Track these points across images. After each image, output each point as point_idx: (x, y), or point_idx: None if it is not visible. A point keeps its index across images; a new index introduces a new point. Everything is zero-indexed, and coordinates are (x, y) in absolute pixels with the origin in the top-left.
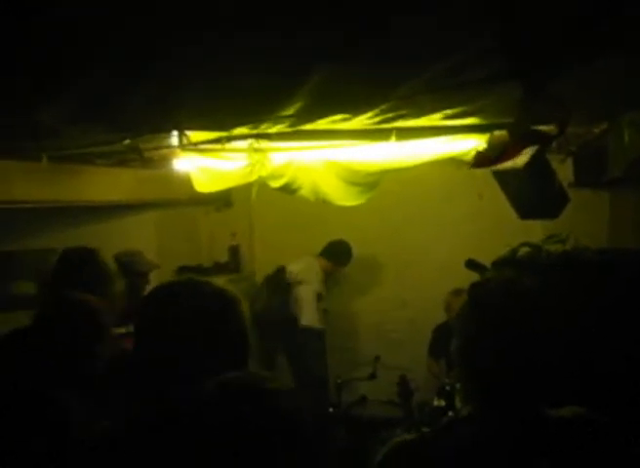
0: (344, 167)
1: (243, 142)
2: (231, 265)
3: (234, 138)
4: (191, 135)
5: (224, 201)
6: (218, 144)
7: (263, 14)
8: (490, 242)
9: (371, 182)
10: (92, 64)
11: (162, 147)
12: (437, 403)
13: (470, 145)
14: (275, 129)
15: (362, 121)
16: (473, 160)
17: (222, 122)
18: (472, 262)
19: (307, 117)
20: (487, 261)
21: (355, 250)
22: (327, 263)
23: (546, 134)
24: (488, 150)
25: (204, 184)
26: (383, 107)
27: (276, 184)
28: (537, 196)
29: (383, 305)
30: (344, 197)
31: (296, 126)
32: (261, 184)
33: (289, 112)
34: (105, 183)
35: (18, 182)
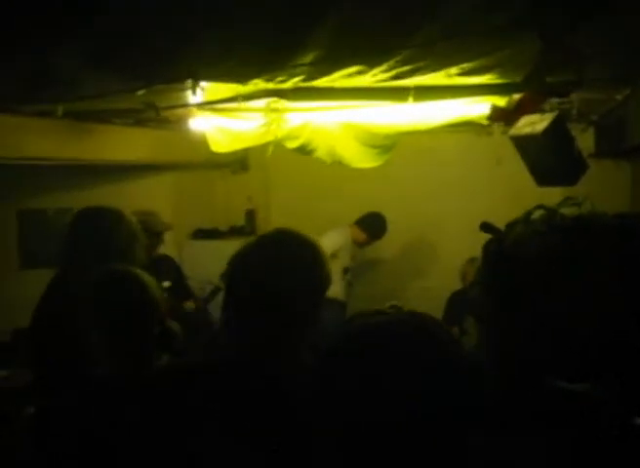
0: (361, 128)
1: (260, 103)
2: (247, 229)
3: (251, 97)
4: (207, 91)
5: (241, 164)
6: (234, 104)
7: None
8: (507, 211)
9: (387, 145)
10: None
11: (179, 106)
12: None
13: (489, 108)
14: (291, 83)
15: (378, 75)
16: (490, 113)
17: (237, 72)
18: (487, 225)
19: (322, 68)
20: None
21: None
22: (361, 234)
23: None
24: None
25: (220, 144)
26: (398, 58)
27: (292, 145)
28: (555, 162)
29: (399, 274)
30: (360, 159)
31: (311, 79)
32: (278, 147)
33: (304, 60)
34: (123, 143)
35: (34, 139)
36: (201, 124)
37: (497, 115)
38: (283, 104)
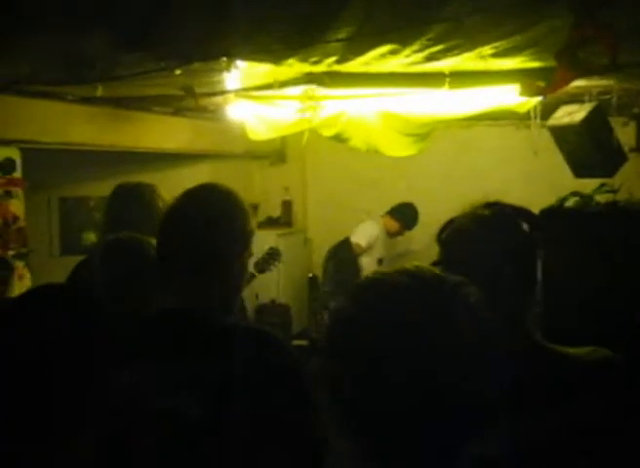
0: (397, 117)
1: (296, 90)
2: (283, 220)
3: (287, 84)
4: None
5: (278, 156)
6: (270, 92)
7: None
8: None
9: (422, 133)
10: None
11: (217, 93)
12: None
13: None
14: (325, 65)
15: (411, 56)
16: (521, 88)
17: (271, 49)
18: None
19: (355, 47)
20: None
21: None
22: (394, 224)
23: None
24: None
25: (257, 132)
26: (430, 36)
27: (328, 133)
28: (593, 152)
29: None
30: (396, 147)
31: (345, 60)
32: (314, 138)
33: (337, 36)
34: (162, 132)
35: (78, 125)
36: (239, 112)
37: (528, 89)
38: (319, 92)
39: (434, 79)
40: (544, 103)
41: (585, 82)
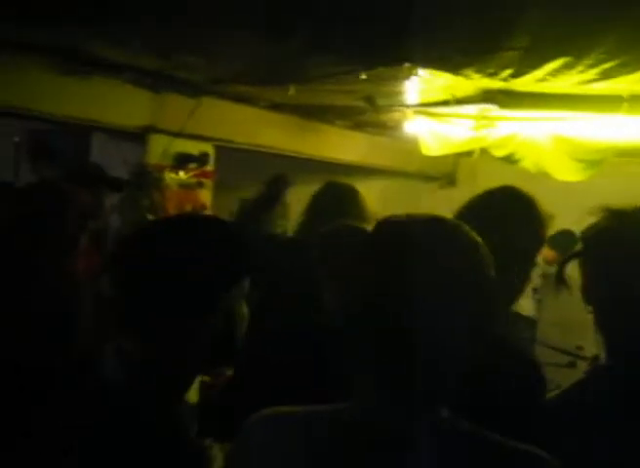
0: (570, 141)
1: (470, 109)
2: None
3: (463, 102)
4: (422, 94)
5: (449, 178)
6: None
7: None
8: None
9: (595, 160)
10: None
11: (395, 105)
12: None
13: None
14: (500, 79)
15: (585, 73)
16: None
17: (450, 57)
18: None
19: (530, 59)
20: None
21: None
22: (550, 252)
23: None
24: None
25: (431, 148)
26: (604, 49)
27: (500, 153)
28: None
29: None
30: (566, 172)
31: (520, 74)
32: (484, 162)
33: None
34: (341, 144)
35: (267, 130)
36: (415, 127)
37: None
38: (493, 112)
39: (610, 102)
40: None
41: None
